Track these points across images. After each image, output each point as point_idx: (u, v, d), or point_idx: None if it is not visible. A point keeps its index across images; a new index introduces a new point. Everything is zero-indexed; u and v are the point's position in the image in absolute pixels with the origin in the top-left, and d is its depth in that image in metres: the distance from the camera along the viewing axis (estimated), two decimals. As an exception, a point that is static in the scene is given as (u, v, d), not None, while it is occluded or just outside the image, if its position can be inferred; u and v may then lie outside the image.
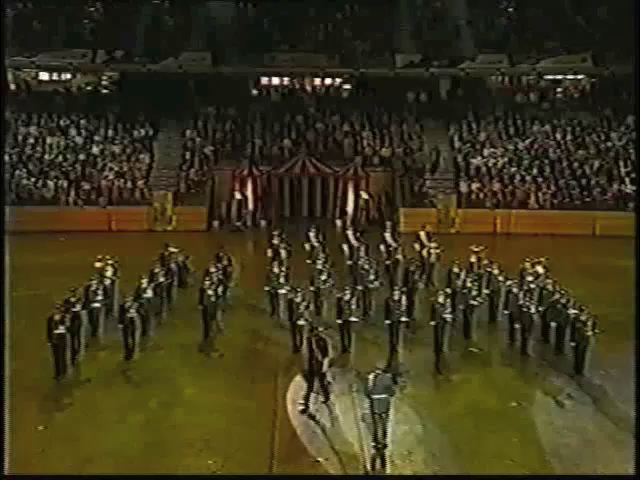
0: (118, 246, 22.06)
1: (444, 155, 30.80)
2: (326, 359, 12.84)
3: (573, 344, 15.39)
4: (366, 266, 18.74)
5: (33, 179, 29.06)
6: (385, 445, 11.74)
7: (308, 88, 35.81)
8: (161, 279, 18.28)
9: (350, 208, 29.39)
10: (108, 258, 18.64)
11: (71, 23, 33.54)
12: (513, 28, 34.04)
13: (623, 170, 30.00)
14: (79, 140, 31.21)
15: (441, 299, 16.08)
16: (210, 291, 17.01)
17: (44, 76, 35.67)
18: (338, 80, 35.85)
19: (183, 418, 12.95)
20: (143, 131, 31.84)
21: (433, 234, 22.21)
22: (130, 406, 13.36)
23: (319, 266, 18.70)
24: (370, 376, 11.78)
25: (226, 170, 30.05)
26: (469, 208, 28.81)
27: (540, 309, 16.69)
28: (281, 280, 18.17)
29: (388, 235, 21.94)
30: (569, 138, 31.75)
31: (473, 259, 19.53)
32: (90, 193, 28.86)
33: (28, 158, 30.10)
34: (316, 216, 29.72)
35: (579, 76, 35.40)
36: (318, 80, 35.78)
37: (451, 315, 16.20)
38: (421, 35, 33.68)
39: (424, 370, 15.18)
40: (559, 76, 35.43)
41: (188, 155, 30.91)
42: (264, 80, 35.86)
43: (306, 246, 21.15)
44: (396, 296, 16.12)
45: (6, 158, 28.62)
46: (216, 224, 29.05)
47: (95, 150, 30.71)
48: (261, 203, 29.61)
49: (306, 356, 13.60)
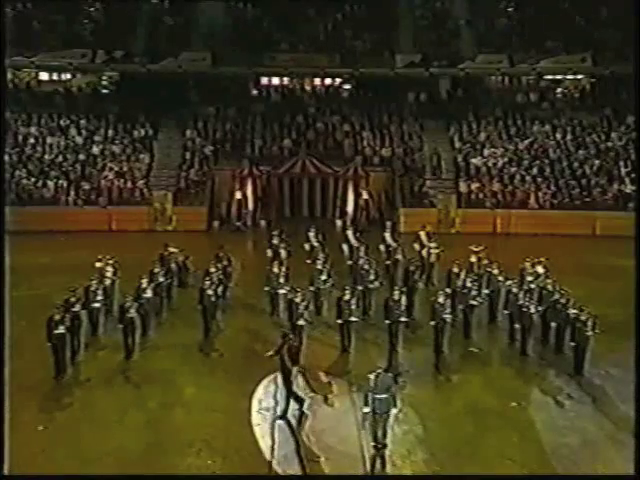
0: (118, 246, 22.07)
1: (444, 157, 30.78)
2: (295, 367, 12.64)
3: (573, 344, 15.40)
4: (366, 266, 18.74)
5: (33, 179, 29.06)
6: (385, 445, 11.75)
7: (308, 88, 35.81)
8: (161, 279, 18.29)
9: (350, 208, 29.38)
10: (108, 258, 18.64)
11: (71, 23, 33.56)
12: (513, 28, 34.05)
13: (623, 170, 30.00)
14: (79, 140, 31.21)
15: (441, 299, 16.08)
16: (210, 291, 17.02)
17: (44, 76, 35.66)
18: (338, 80, 35.85)
19: (183, 418, 12.95)
20: (143, 131, 31.84)
21: (433, 234, 22.18)
22: (130, 406, 13.37)
23: (319, 266, 18.69)
24: (371, 376, 11.79)
25: (226, 170, 30.05)
26: (469, 208, 28.81)
27: (540, 309, 16.69)
28: (281, 280, 18.16)
29: (388, 235, 21.92)
30: (569, 138, 31.75)
31: (473, 259, 19.54)
32: (90, 193, 28.87)
33: (28, 158, 30.11)
34: (316, 216, 29.70)
35: (579, 76, 35.39)
36: (318, 80, 35.79)
37: (451, 315, 16.21)
38: (421, 35, 33.71)
39: (424, 370, 15.18)
40: (559, 76, 35.41)
41: (188, 155, 30.92)
42: (264, 80, 35.85)
43: (306, 246, 21.14)
44: (396, 296, 16.12)
45: (6, 158, 28.59)
46: (216, 224, 29.05)
47: (95, 150, 30.71)
48: (261, 203, 29.61)
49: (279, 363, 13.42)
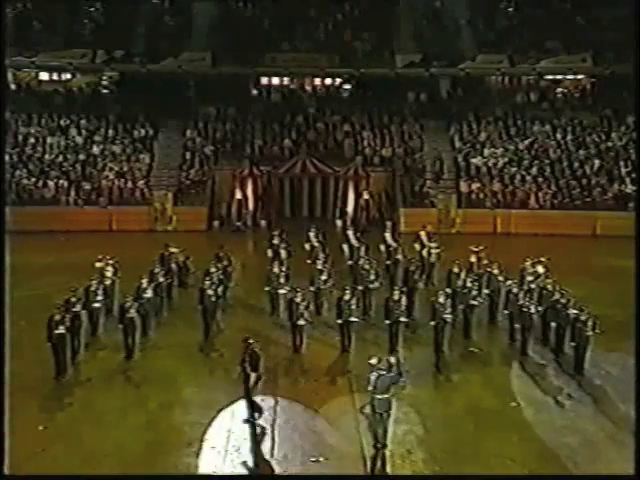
0: (118, 246, 22.07)
1: (444, 157, 30.76)
2: (253, 375, 12.58)
3: (573, 344, 15.40)
4: (366, 266, 18.73)
5: (33, 179, 29.08)
6: (385, 445, 11.76)
7: (308, 88, 35.82)
8: (161, 279, 18.28)
9: (350, 208, 29.38)
10: (108, 258, 18.64)
11: (71, 23, 33.58)
12: (513, 28, 34.05)
13: (623, 170, 30.00)
14: (79, 140, 31.22)
15: (441, 299, 16.07)
16: (210, 291, 17.02)
17: (44, 76, 35.64)
18: (338, 80, 35.86)
19: (183, 418, 12.95)
20: (143, 131, 31.84)
21: (433, 234, 22.18)
22: (130, 406, 13.37)
23: (319, 266, 18.69)
24: (371, 376, 11.79)
25: (226, 170, 30.06)
26: (469, 208, 28.81)
27: (540, 309, 16.70)
28: (281, 280, 18.16)
29: (388, 235, 21.92)
30: (569, 138, 31.76)
31: (473, 259, 19.52)
32: (90, 193, 28.88)
33: (28, 158, 30.12)
34: (316, 216, 29.70)
35: (579, 76, 35.40)
36: (318, 80, 35.79)
37: (451, 315, 16.21)
38: (421, 35, 33.71)
39: (424, 370, 15.17)
40: (559, 76, 35.42)
41: (188, 155, 30.92)
42: (264, 80, 35.84)
43: (306, 246, 21.12)
44: (396, 296, 16.11)
45: (6, 158, 28.56)
46: (216, 224, 29.05)
47: (95, 150, 30.72)
48: (261, 203, 29.60)
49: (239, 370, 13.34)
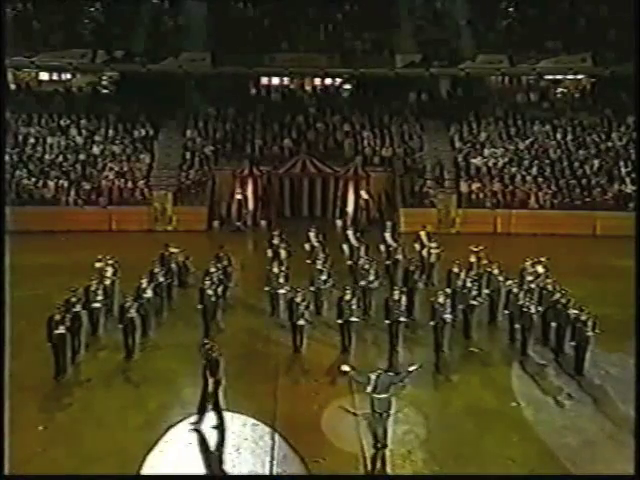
0: (118, 246, 22.06)
1: (444, 157, 30.75)
2: (211, 380, 12.53)
3: (573, 344, 15.40)
4: (366, 266, 18.74)
5: (33, 179, 29.07)
6: (385, 445, 11.75)
7: (308, 88, 35.84)
8: (161, 279, 18.28)
9: (350, 208, 29.38)
10: (108, 258, 18.64)
11: (71, 23, 33.56)
12: (513, 28, 34.05)
13: (623, 170, 30.01)
14: (79, 140, 31.22)
15: (441, 299, 16.07)
16: (210, 291, 17.02)
17: (44, 76, 35.71)
18: (338, 80, 35.87)
19: (183, 418, 12.94)
20: (143, 131, 31.85)
21: (433, 234, 22.18)
22: (130, 406, 13.36)
23: (319, 266, 18.69)
24: (372, 376, 11.79)
25: (226, 170, 30.06)
26: (469, 208, 28.81)
27: (540, 309, 16.70)
28: (281, 280, 18.17)
29: (388, 235, 21.92)
30: (569, 138, 31.77)
31: (473, 259, 19.54)
32: (90, 193, 28.87)
33: (28, 158, 30.12)
34: (316, 216, 29.71)
35: (579, 76, 35.43)
36: (318, 80, 35.82)
37: (451, 315, 16.21)
38: (421, 35, 33.71)
39: (424, 370, 15.14)
40: (559, 76, 35.46)
41: (188, 155, 30.92)
42: (264, 80, 35.88)
43: (306, 246, 21.12)
44: (396, 296, 16.11)
45: (6, 158, 28.59)
46: (216, 224, 29.05)
47: (95, 150, 30.72)
48: (261, 203, 29.60)
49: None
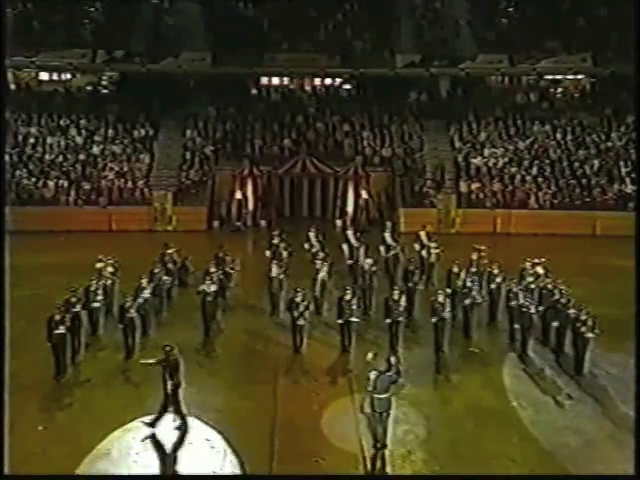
0: (118, 246, 22.07)
1: (446, 161, 30.76)
2: (170, 382, 12.47)
3: (573, 344, 15.40)
4: (366, 266, 18.73)
5: (33, 179, 29.06)
6: (385, 445, 11.76)
7: (308, 88, 35.83)
8: (161, 279, 18.28)
9: (350, 208, 29.38)
10: (109, 258, 18.63)
11: (71, 23, 33.53)
12: (513, 28, 34.05)
13: (623, 170, 30.00)
14: (79, 140, 31.21)
15: (441, 299, 16.08)
16: (210, 289, 17.01)
17: (44, 76, 35.68)
18: (338, 80, 35.87)
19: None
20: (143, 131, 31.84)
21: (433, 234, 22.18)
22: (130, 406, 13.35)
23: (319, 266, 18.69)
24: (371, 375, 11.80)
25: (226, 170, 30.05)
26: (469, 208, 28.80)
27: (540, 309, 16.71)
28: (281, 280, 18.16)
29: (388, 235, 21.92)
30: (569, 138, 31.76)
31: (474, 256, 19.46)
32: (90, 193, 28.87)
33: (28, 158, 30.11)
34: (316, 216, 29.72)
35: (579, 76, 35.42)
36: (318, 80, 35.81)
37: (451, 314, 16.21)
38: (421, 35, 33.68)
39: (424, 370, 15.18)
40: (559, 76, 35.45)
41: (188, 155, 30.91)
42: (264, 80, 35.88)
43: (306, 246, 21.15)
44: (396, 296, 16.11)
45: (6, 158, 28.59)
46: (216, 224, 29.05)
47: (95, 150, 30.71)
48: (261, 203, 29.60)
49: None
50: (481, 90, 34.94)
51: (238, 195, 29.28)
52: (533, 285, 17.83)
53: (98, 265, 18.47)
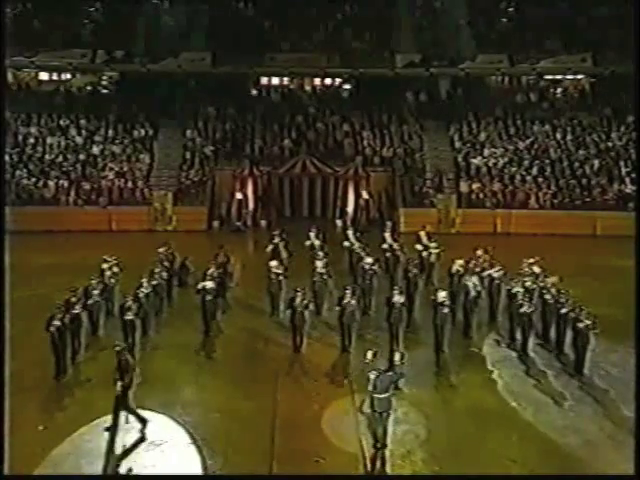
0: (118, 246, 22.02)
1: (446, 161, 30.75)
2: (119, 382, 12.37)
3: (573, 344, 15.40)
4: (366, 266, 18.72)
5: (33, 179, 29.09)
6: (385, 445, 11.75)
7: (308, 88, 35.85)
8: (161, 279, 18.27)
9: (350, 208, 29.41)
10: (115, 260, 18.60)
11: (71, 23, 33.58)
12: (513, 28, 34.06)
13: (623, 170, 30.03)
14: (79, 140, 31.25)
15: (441, 298, 16.07)
16: (209, 287, 17.01)
17: (44, 76, 35.71)
18: (338, 80, 35.88)
19: (183, 418, 12.94)
20: (143, 131, 31.86)
21: (433, 234, 22.20)
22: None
23: (319, 266, 18.69)
24: (371, 375, 11.79)
25: (226, 170, 30.09)
26: (469, 208, 28.82)
27: (540, 309, 16.69)
28: (281, 280, 18.17)
29: (388, 235, 21.93)
30: (569, 138, 31.77)
31: (479, 252, 19.40)
32: (90, 193, 28.90)
33: (28, 158, 30.14)
34: (316, 216, 29.75)
35: (579, 76, 35.45)
36: (318, 80, 35.83)
37: (451, 314, 16.20)
38: (421, 35, 33.71)
39: (424, 370, 15.17)
40: (559, 76, 35.47)
41: (188, 155, 30.94)
42: (264, 80, 35.91)
43: (307, 243, 21.15)
44: (396, 296, 16.11)
45: (6, 158, 28.61)
46: (216, 224, 29.06)
47: (95, 150, 30.74)
48: (261, 203, 29.63)
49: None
50: (481, 90, 34.96)
51: (238, 195, 29.31)
52: (533, 285, 17.79)
53: (104, 265, 18.41)
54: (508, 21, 34.58)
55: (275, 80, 36.00)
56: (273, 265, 18.55)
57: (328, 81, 36.03)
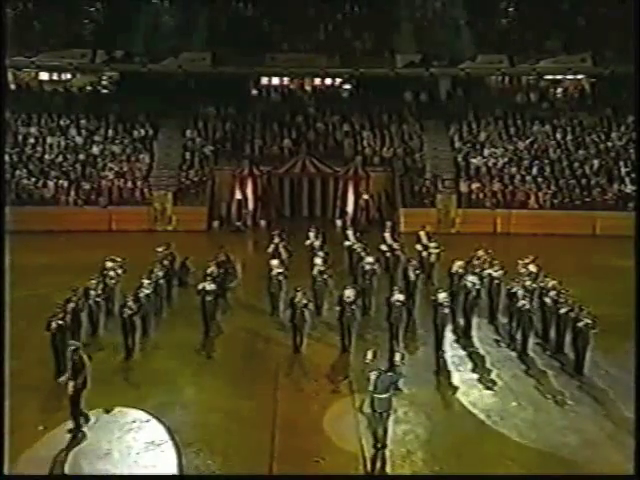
0: (118, 246, 22.02)
1: (444, 157, 30.76)
2: (71, 382, 12.30)
3: (573, 344, 15.40)
4: (366, 266, 18.72)
5: (33, 179, 29.09)
6: (385, 445, 11.75)
7: (308, 88, 35.85)
8: (161, 279, 18.27)
9: (350, 208, 29.40)
10: (119, 260, 18.59)
11: (71, 23, 33.60)
12: (513, 28, 34.07)
13: (623, 170, 30.02)
14: (79, 140, 31.24)
15: (441, 298, 16.07)
16: (209, 287, 17.02)
17: (44, 76, 35.70)
18: (338, 80, 35.88)
19: (183, 418, 12.94)
20: (143, 131, 31.85)
21: (433, 234, 22.20)
22: (130, 406, 13.34)
23: (319, 266, 18.69)
24: (372, 375, 11.79)
25: (226, 170, 30.08)
26: (469, 208, 28.82)
27: (540, 309, 16.69)
28: (281, 280, 18.17)
29: (388, 235, 21.93)
30: (569, 138, 31.78)
31: (481, 252, 19.40)
32: (90, 193, 28.89)
33: (28, 158, 30.14)
34: (316, 216, 29.76)
35: (579, 76, 35.44)
36: (318, 80, 35.83)
37: (451, 314, 16.19)
38: (421, 35, 33.71)
39: (424, 370, 15.18)
40: (559, 76, 35.47)
41: (188, 155, 30.94)
42: (264, 80, 35.90)
43: (307, 242, 21.14)
44: (396, 296, 16.11)
45: (6, 158, 28.60)
46: (216, 224, 29.06)
47: (95, 150, 30.74)
48: (261, 203, 29.63)
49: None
50: (481, 90, 34.97)
51: (238, 195, 29.31)
52: (533, 285, 17.79)
53: (108, 265, 18.38)
54: (508, 21, 34.58)
55: (275, 80, 35.99)
56: (274, 264, 18.57)
57: (328, 81, 36.03)
